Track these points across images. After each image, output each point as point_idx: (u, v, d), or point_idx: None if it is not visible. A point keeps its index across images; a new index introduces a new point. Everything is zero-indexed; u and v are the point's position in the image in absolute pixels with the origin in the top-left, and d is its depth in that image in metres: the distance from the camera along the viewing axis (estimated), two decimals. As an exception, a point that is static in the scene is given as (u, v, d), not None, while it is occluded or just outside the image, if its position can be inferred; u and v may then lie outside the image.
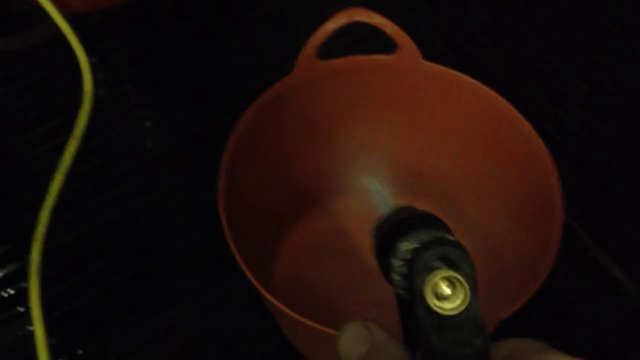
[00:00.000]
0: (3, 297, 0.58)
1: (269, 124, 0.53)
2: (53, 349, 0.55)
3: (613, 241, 0.61)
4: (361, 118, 0.57)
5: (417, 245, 0.28)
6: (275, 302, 0.44)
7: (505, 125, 0.52)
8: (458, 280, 0.27)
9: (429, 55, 0.54)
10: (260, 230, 0.54)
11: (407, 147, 0.58)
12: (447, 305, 0.27)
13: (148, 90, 0.73)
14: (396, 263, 0.29)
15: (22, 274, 0.58)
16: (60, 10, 0.72)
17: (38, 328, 0.55)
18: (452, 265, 0.27)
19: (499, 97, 0.52)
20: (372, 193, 0.37)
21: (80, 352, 0.56)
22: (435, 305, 0.27)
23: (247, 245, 0.46)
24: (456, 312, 0.27)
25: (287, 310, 0.43)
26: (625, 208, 0.64)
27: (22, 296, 0.57)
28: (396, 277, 0.29)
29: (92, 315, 0.58)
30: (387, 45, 0.55)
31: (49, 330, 0.55)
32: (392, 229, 0.31)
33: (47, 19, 0.73)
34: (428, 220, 0.30)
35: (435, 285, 0.27)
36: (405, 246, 0.29)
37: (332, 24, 0.51)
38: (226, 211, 0.46)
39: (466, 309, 0.27)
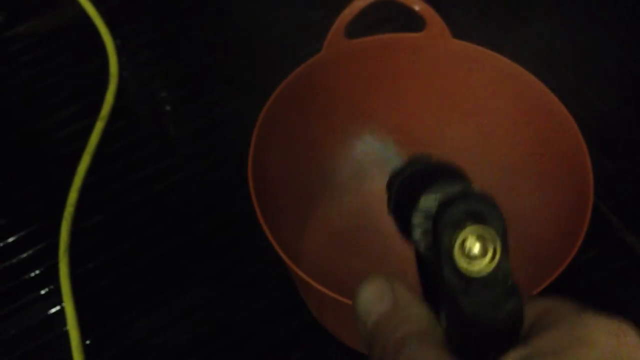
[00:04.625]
0: (34, 275, 0.59)
1: (298, 103, 0.53)
2: (82, 326, 0.55)
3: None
4: (390, 96, 0.57)
5: (440, 199, 0.26)
6: (304, 276, 0.43)
7: (535, 102, 0.51)
8: (489, 237, 0.24)
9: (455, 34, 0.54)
10: (288, 209, 0.54)
11: (436, 126, 0.58)
12: (477, 265, 0.24)
13: (171, 73, 0.74)
14: (418, 218, 0.27)
15: (51, 254, 0.59)
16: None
17: (68, 305, 0.56)
18: (480, 220, 0.24)
19: (529, 75, 0.51)
20: (380, 149, 0.35)
21: (108, 329, 0.57)
22: (463, 265, 0.24)
23: (275, 223, 0.46)
24: (486, 271, 0.24)
25: (315, 285, 0.43)
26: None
27: (52, 275, 0.58)
28: (417, 234, 0.27)
29: (119, 295, 0.58)
30: (407, 25, 0.55)
31: (78, 308, 0.56)
32: (409, 180, 0.29)
33: (68, 2, 0.74)
34: (450, 170, 0.28)
35: (464, 243, 0.24)
36: (427, 200, 0.26)
37: (361, 2, 0.51)
38: (255, 189, 0.46)
39: (497, 267, 0.24)
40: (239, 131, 0.65)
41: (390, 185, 0.31)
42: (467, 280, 0.24)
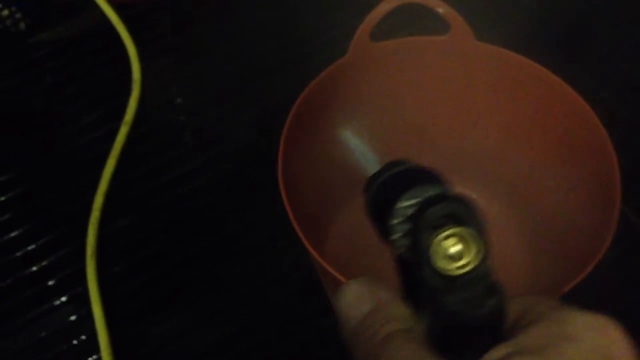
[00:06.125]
0: (61, 278, 0.59)
1: (324, 106, 0.53)
2: (111, 328, 0.56)
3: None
4: (414, 100, 0.57)
5: (419, 202, 0.27)
6: (336, 274, 0.44)
7: (561, 104, 0.52)
8: (468, 236, 0.25)
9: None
10: (314, 210, 0.55)
11: (461, 128, 0.59)
12: (456, 264, 0.25)
13: (192, 79, 0.74)
14: (395, 220, 0.27)
15: (78, 257, 0.59)
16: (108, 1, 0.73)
17: (96, 308, 0.57)
18: (459, 221, 0.25)
19: (555, 77, 0.52)
20: (353, 152, 0.35)
21: (136, 331, 0.57)
22: (443, 265, 0.25)
23: (303, 223, 0.47)
24: (467, 269, 0.25)
25: (344, 280, 0.44)
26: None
27: (79, 278, 0.58)
28: (395, 236, 0.27)
29: (146, 297, 0.59)
30: (428, 29, 0.56)
31: (107, 311, 0.57)
32: (386, 184, 0.29)
33: (89, 9, 0.74)
34: (425, 174, 0.28)
35: (443, 244, 0.25)
36: (406, 202, 0.27)
37: (387, 5, 0.52)
38: (285, 189, 0.47)
39: (478, 266, 0.25)
40: (262, 134, 0.66)
41: (367, 189, 0.31)
42: (448, 280, 0.25)
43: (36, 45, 0.74)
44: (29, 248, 0.61)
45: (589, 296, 0.56)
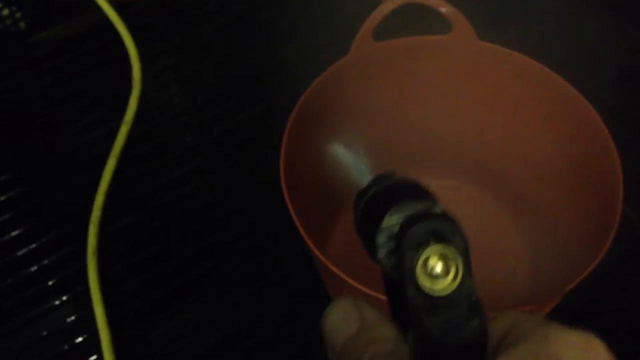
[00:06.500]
0: (63, 278, 0.59)
1: (326, 105, 0.53)
2: (112, 328, 0.56)
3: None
4: (417, 99, 0.58)
5: (403, 219, 0.26)
6: (339, 272, 0.44)
7: (563, 104, 0.52)
8: (451, 255, 0.25)
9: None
10: (316, 209, 0.55)
11: (462, 128, 0.59)
12: (439, 284, 0.25)
13: (192, 79, 0.74)
14: (381, 239, 0.27)
15: (79, 257, 0.59)
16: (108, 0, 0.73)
17: (98, 307, 0.57)
18: (442, 239, 0.25)
19: (557, 76, 0.52)
20: (347, 165, 0.34)
21: (138, 331, 0.57)
22: (426, 284, 0.24)
23: (306, 222, 0.47)
24: (449, 290, 0.24)
25: (350, 280, 0.44)
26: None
27: (80, 278, 0.58)
28: (382, 254, 0.27)
29: (148, 297, 0.59)
30: (430, 28, 0.56)
31: (108, 311, 0.57)
32: (374, 200, 0.29)
33: (90, 10, 0.74)
34: (412, 190, 0.28)
35: (426, 262, 0.25)
36: (391, 220, 0.26)
37: (389, 5, 0.52)
38: (288, 190, 0.47)
39: (459, 286, 0.24)
40: (264, 134, 0.66)
41: (356, 205, 0.31)
42: (431, 300, 0.25)
43: (36, 44, 0.74)
44: (30, 247, 0.61)
45: (590, 296, 0.57)
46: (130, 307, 0.58)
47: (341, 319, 0.28)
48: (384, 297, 0.43)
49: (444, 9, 0.52)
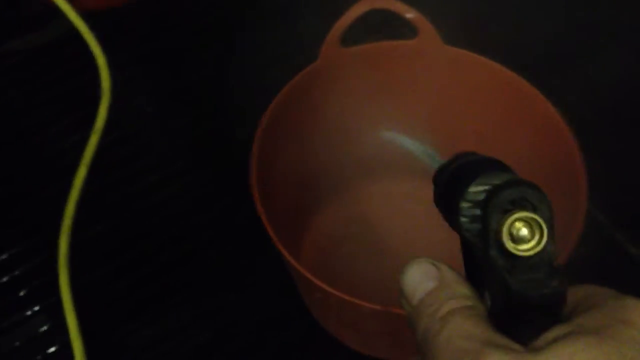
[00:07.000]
0: (34, 287, 0.59)
1: (297, 110, 0.54)
2: (85, 337, 0.56)
3: (628, 219, 0.63)
4: (385, 102, 0.58)
5: (490, 187, 0.28)
6: (309, 276, 0.45)
7: (528, 108, 0.53)
8: (535, 221, 0.26)
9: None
10: (291, 214, 0.56)
11: (430, 130, 0.59)
12: (523, 247, 0.26)
13: (161, 87, 0.74)
14: (465, 205, 0.28)
15: (51, 266, 0.59)
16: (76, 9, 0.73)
17: (70, 317, 0.56)
18: (529, 206, 0.26)
19: (522, 80, 0.53)
20: (416, 152, 0.37)
21: (113, 340, 0.57)
22: (511, 246, 0.26)
23: (279, 228, 0.47)
24: (532, 253, 0.26)
25: (321, 284, 0.44)
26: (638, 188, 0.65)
27: (52, 287, 0.58)
28: (464, 220, 0.29)
29: (120, 306, 0.59)
30: (395, 34, 0.57)
31: (80, 320, 0.56)
32: (457, 172, 0.31)
33: (58, 19, 0.74)
34: (495, 164, 0.30)
35: (512, 227, 0.26)
36: (477, 188, 0.28)
37: (356, 11, 0.52)
38: (259, 193, 0.47)
39: (542, 250, 0.26)
40: (235, 141, 0.66)
41: (437, 179, 0.33)
42: (514, 260, 0.26)
43: (4, 54, 0.73)
44: (1, 258, 0.61)
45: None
46: (106, 315, 0.58)
47: (421, 275, 0.29)
48: (358, 302, 0.43)
49: (409, 15, 0.53)
